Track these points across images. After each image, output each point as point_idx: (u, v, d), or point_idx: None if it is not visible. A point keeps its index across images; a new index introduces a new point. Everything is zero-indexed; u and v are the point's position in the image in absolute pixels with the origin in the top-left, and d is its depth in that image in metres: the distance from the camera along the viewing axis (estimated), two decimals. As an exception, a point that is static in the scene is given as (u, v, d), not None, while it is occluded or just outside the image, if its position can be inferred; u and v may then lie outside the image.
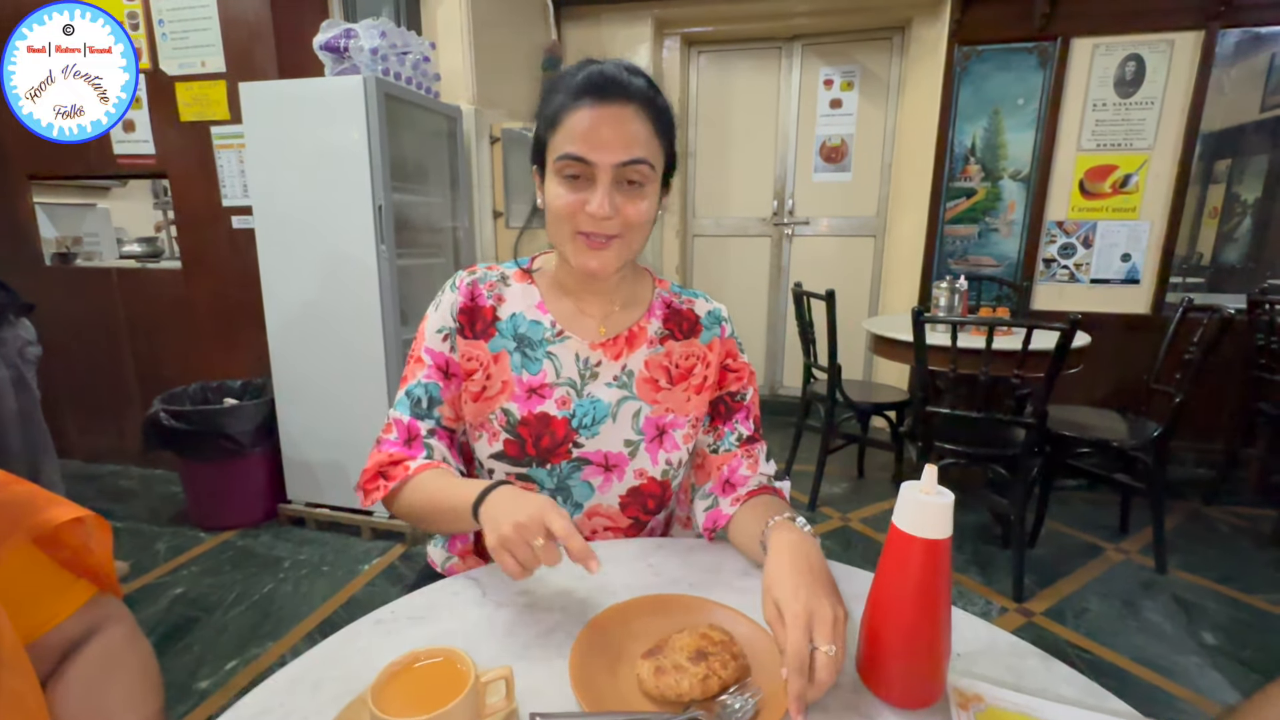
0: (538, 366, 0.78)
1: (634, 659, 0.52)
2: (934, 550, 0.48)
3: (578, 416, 0.77)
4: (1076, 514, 2.37)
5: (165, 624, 1.74)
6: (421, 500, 0.71)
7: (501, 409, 0.77)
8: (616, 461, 0.78)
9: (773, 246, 3.53)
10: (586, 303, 0.80)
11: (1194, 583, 1.94)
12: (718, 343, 0.83)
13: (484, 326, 0.78)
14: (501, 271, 0.82)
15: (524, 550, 0.55)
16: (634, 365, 0.80)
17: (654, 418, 0.79)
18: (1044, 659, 0.55)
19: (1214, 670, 1.57)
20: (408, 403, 0.77)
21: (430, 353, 0.78)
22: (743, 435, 0.82)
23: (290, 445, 2.25)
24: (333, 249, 2.03)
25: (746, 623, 0.58)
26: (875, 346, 2.35)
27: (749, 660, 0.53)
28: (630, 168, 0.67)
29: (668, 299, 0.84)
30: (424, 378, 0.77)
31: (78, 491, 2.54)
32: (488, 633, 0.58)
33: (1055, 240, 2.82)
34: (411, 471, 0.73)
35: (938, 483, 0.48)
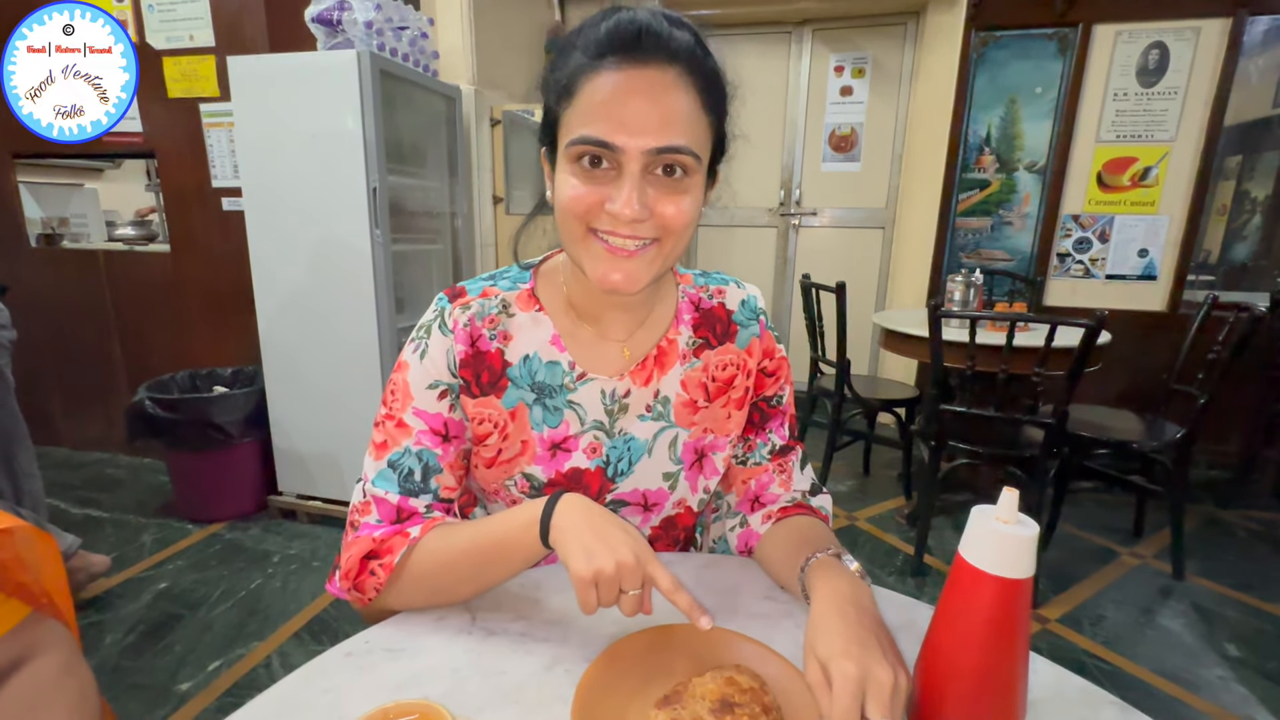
0: (558, 418, 0.64)
1: (647, 706, 0.45)
2: (1013, 592, 0.39)
3: (611, 463, 0.65)
4: (1089, 516, 2.31)
5: (146, 621, 1.67)
6: (451, 559, 0.56)
7: (523, 474, 0.64)
8: (656, 500, 0.68)
9: (779, 238, 3.44)
10: (608, 324, 0.65)
11: (1212, 590, 1.88)
12: (756, 344, 0.70)
13: (492, 378, 0.62)
14: (502, 298, 0.64)
15: (614, 598, 0.48)
16: (669, 390, 0.66)
17: (692, 442, 0.68)
18: (1123, 709, 0.48)
19: (1239, 684, 1.50)
20: (393, 477, 0.60)
21: (421, 415, 0.61)
22: (775, 445, 0.71)
23: (281, 436, 2.17)
24: (326, 233, 1.95)
25: (778, 662, 0.50)
26: (885, 341, 2.28)
27: (783, 714, 0.45)
28: (668, 155, 0.51)
29: (694, 297, 0.69)
30: (413, 445, 0.61)
31: (63, 480, 2.47)
32: (475, 667, 0.50)
33: (1071, 234, 2.74)
34: (416, 537, 0.57)
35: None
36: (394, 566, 0.56)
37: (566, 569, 0.49)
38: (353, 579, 0.58)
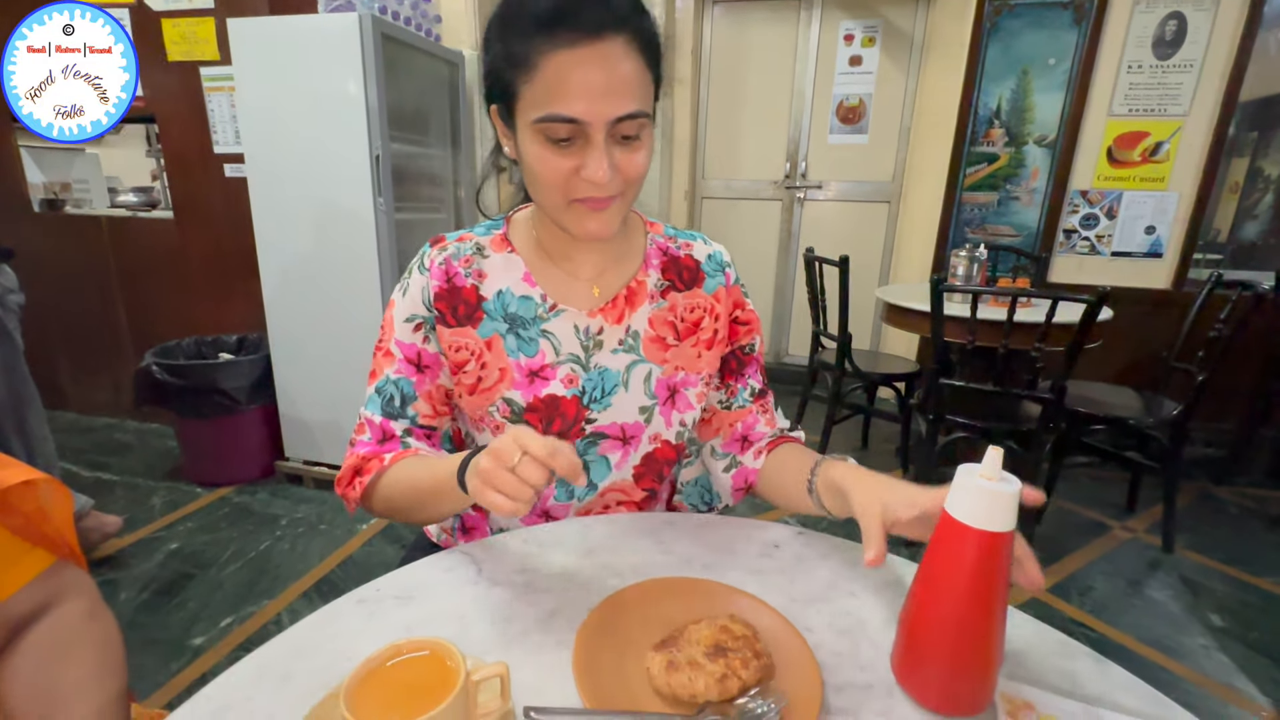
0: (534, 347, 0.69)
1: (644, 650, 0.47)
2: (994, 545, 0.41)
3: (587, 392, 0.70)
4: (1083, 491, 2.34)
5: (159, 580, 1.72)
6: (401, 491, 0.64)
7: (503, 399, 0.69)
8: (634, 432, 0.73)
9: (783, 211, 3.42)
10: (577, 264, 0.71)
11: (1201, 563, 1.92)
12: (723, 292, 0.76)
13: (468, 311, 0.68)
14: (475, 241, 0.71)
15: (505, 479, 0.48)
16: (638, 325, 0.72)
17: (664, 378, 0.73)
18: (1098, 661, 0.50)
19: (1220, 653, 1.55)
20: (379, 401, 0.69)
21: (400, 345, 0.69)
22: (755, 389, 0.78)
23: (287, 402, 2.20)
24: (329, 200, 1.94)
25: (772, 614, 0.52)
26: (887, 315, 2.28)
27: (773, 660, 0.47)
28: (626, 122, 0.56)
29: (663, 245, 0.76)
30: (394, 373, 0.69)
31: (72, 444, 2.51)
32: (481, 617, 0.53)
33: (1078, 210, 2.71)
34: (386, 463, 0.66)
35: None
36: (367, 485, 0.66)
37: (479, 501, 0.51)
38: (343, 487, 0.69)
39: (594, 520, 0.70)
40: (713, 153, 3.45)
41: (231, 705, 0.43)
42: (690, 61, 3.20)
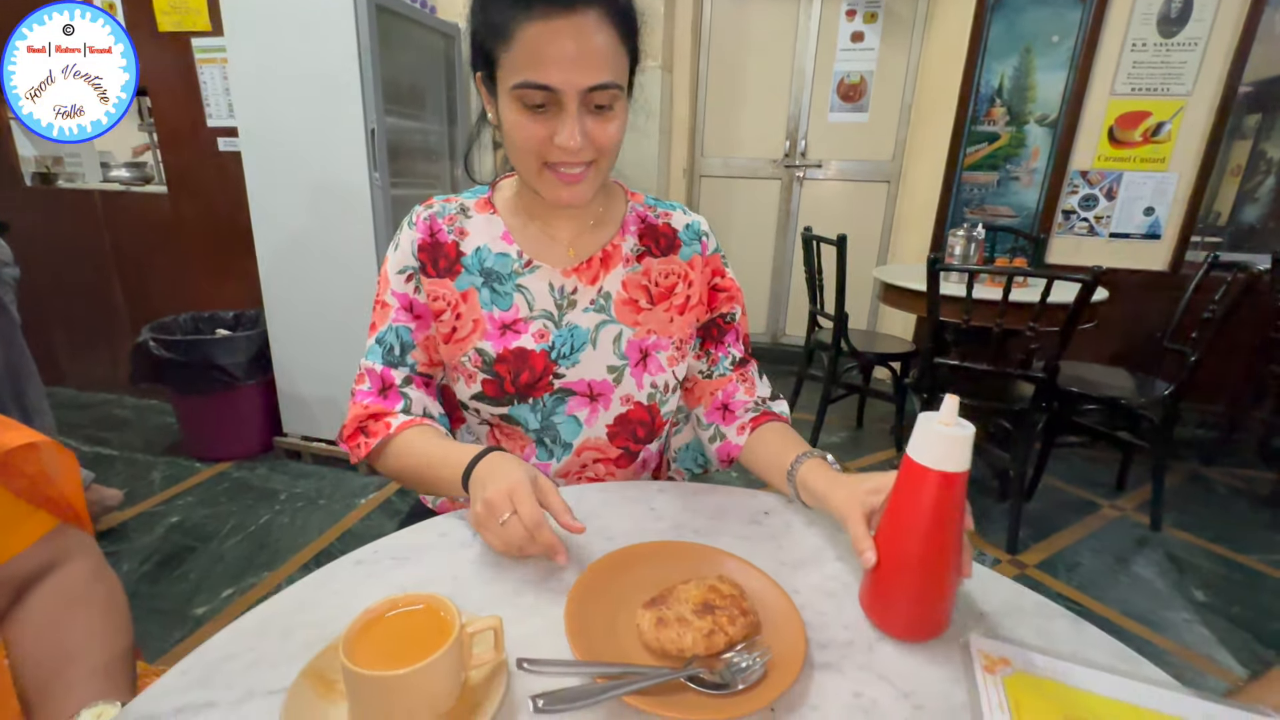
0: (508, 301, 0.73)
1: (635, 608, 0.49)
2: (951, 484, 0.45)
3: (556, 347, 0.73)
4: (1074, 470, 2.36)
5: (161, 552, 1.74)
6: (411, 465, 0.68)
7: (475, 349, 0.72)
8: (601, 390, 0.75)
9: (782, 190, 3.40)
10: (555, 226, 0.74)
11: (1187, 541, 1.95)
12: (699, 260, 0.78)
13: (448, 264, 0.72)
14: (461, 203, 0.75)
15: (496, 532, 0.53)
16: (610, 287, 0.75)
17: (636, 340, 0.75)
18: (1074, 621, 0.52)
19: (1202, 626, 1.58)
20: (379, 350, 0.73)
21: (396, 295, 0.73)
22: (735, 358, 0.80)
23: (285, 378, 2.21)
24: (324, 175, 1.93)
25: (759, 576, 0.54)
26: (884, 295, 2.28)
27: (759, 618, 0.49)
28: (598, 92, 0.59)
29: (642, 213, 0.79)
30: (393, 321, 0.73)
31: (71, 419, 2.52)
32: (476, 576, 0.54)
33: (1077, 191, 2.70)
34: (394, 430, 0.69)
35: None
36: (372, 447, 0.70)
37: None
38: (347, 440, 0.73)
39: (587, 488, 0.71)
40: (711, 131, 3.42)
41: (235, 655, 0.44)
42: (689, 37, 3.15)
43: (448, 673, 0.38)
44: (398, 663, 0.36)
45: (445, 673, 0.38)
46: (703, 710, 0.41)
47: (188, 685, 0.42)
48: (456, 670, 0.40)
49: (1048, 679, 0.45)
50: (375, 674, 0.36)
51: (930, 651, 0.48)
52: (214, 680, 0.42)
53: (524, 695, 0.42)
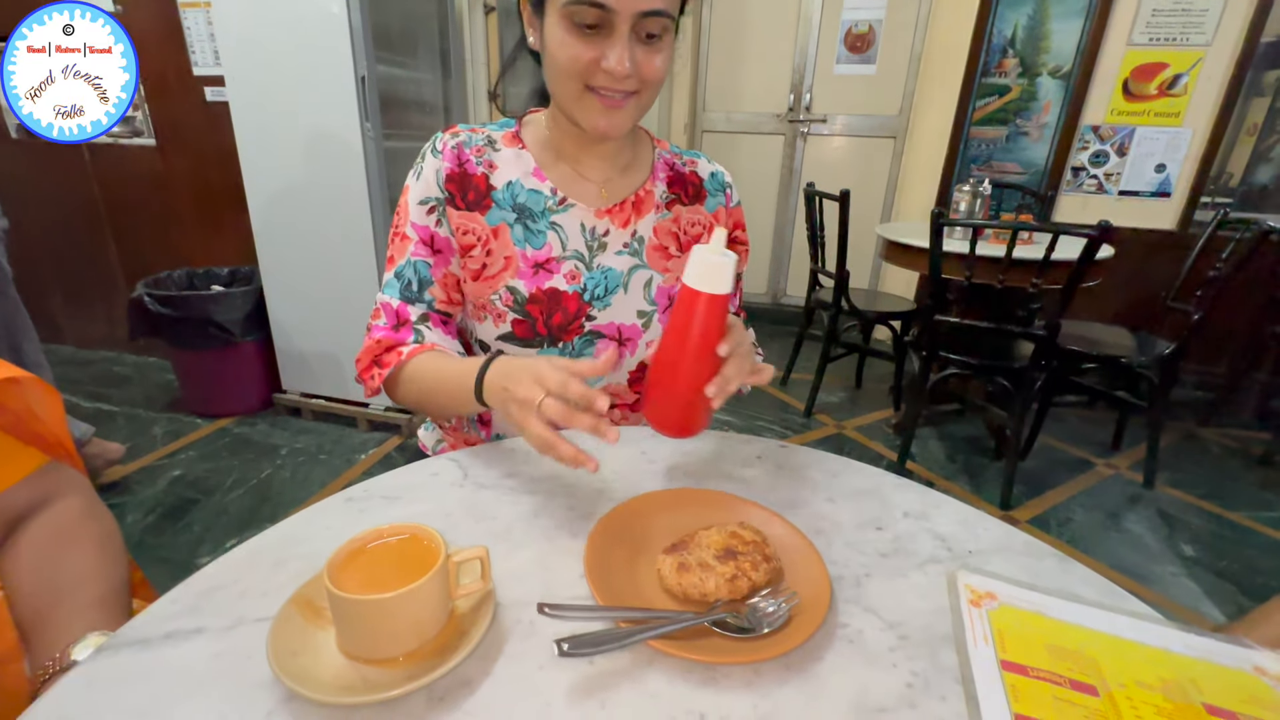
0: (542, 239, 0.71)
1: (655, 554, 0.48)
2: (716, 304, 0.51)
3: (589, 289, 0.72)
4: (1071, 430, 2.37)
5: (165, 504, 1.76)
6: (424, 389, 0.67)
7: (506, 287, 0.70)
8: (630, 334, 0.74)
9: (785, 146, 3.32)
10: (586, 166, 0.73)
11: (1179, 498, 1.97)
12: (723, 212, 0.80)
13: (478, 197, 0.70)
14: (488, 134, 0.73)
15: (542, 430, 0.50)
16: (644, 231, 0.75)
17: (666, 287, 0.76)
18: (1061, 559, 0.52)
19: (1189, 579, 1.61)
20: (397, 285, 0.71)
21: (415, 227, 0.70)
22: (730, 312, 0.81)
23: (282, 335, 2.20)
24: (314, 126, 1.88)
25: (782, 524, 0.53)
26: (886, 253, 2.25)
27: (782, 564, 0.48)
28: (651, 19, 0.58)
29: (669, 160, 0.79)
30: (412, 255, 0.70)
31: (71, 376, 2.53)
32: (466, 514, 0.54)
33: (1088, 147, 2.64)
34: (404, 358, 0.68)
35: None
36: (385, 377, 0.69)
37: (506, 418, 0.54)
38: (363, 372, 0.71)
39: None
40: (714, 83, 3.32)
41: (224, 585, 0.45)
42: (693, -17, 3.04)
43: (432, 599, 0.39)
44: (383, 589, 0.36)
45: (430, 599, 0.38)
46: (729, 653, 0.41)
47: (177, 613, 0.42)
48: (442, 597, 0.40)
49: (1032, 612, 0.45)
50: (359, 598, 0.36)
51: (915, 586, 0.48)
52: (203, 608, 0.43)
53: (537, 644, 0.42)
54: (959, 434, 2.33)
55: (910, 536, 0.54)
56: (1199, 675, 0.41)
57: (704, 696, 0.38)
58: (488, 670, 0.39)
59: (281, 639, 0.38)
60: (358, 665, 0.38)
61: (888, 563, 0.51)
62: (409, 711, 0.36)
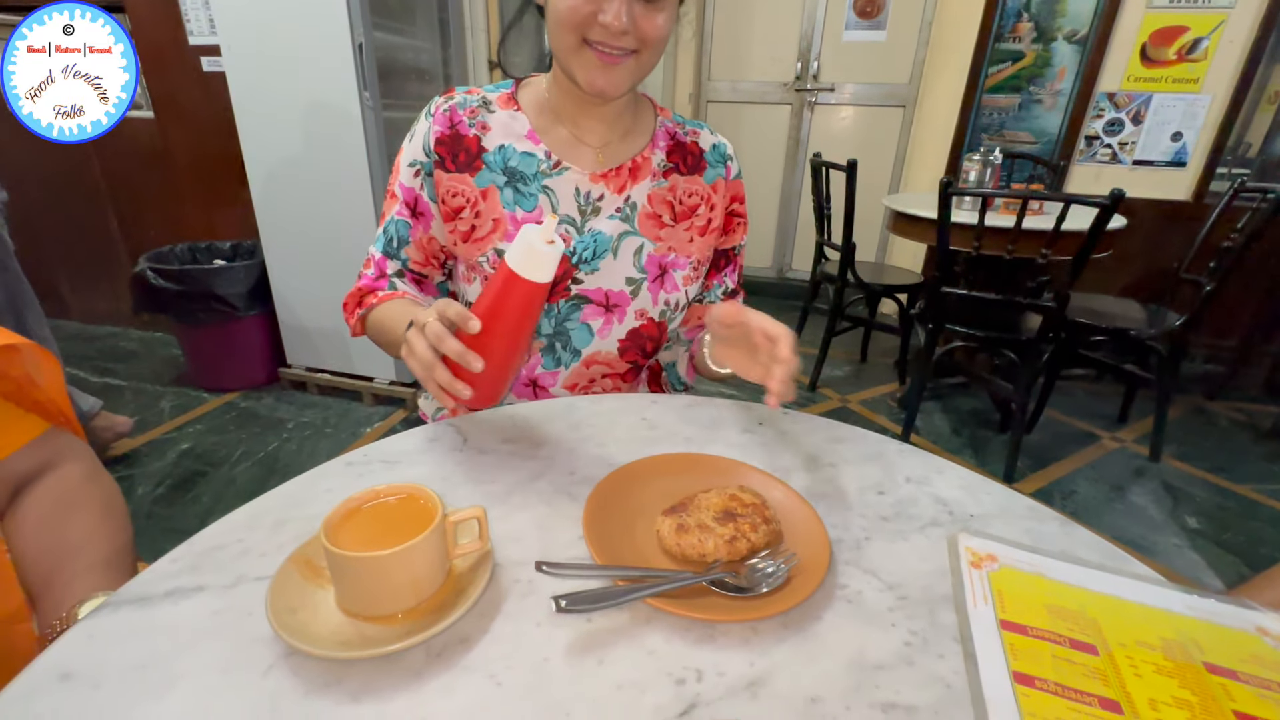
0: (532, 202, 0.71)
1: (653, 517, 0.48)
2: (536, 292, 0.50)
3: (577, 253, 0.72)
4: (1077, 403, 2.36)
5: (173, 477, 1.78)
6: (379, 331, 0.71)
7: (494, 249, 0.71)
8: (618, 301, 0.74)
9: (792, 116, 3.25)
10: (585, 129, 0.72)
11: (1185, 471, 1.96)
12: (722, 184, 0.78)
13: (468, 159, 0.70)
14: (483, 96, 0.73)
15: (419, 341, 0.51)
16: (638, 198, 0.74)
17: (657, 256, 0.75)
18: (1064, 524, 0.52)
19: (1192, 551, 1.61)
20: (383, 240, 0.75)
21: (402, 188, 0.72)
22: (728, 288, 0.82)
23: (285, 309, 2.20)
24: (313, 96, 1.85)
25: (782, 488, 0.53)
26: (893, 224, 2.22)
27: (781, 527, 0.48)
28: None
29: (671, 129, 0.77)
30: (396, 214, 0.73)
31: (78, 351, 2.54)
32: (465, 478, 0.54)
33: (1103, 115, 2.57)
34: (375, 302, 0.72)
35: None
36: (359, 318, 0.74)
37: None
38: (346, 314, 0.76)
39: (580, 399, 0.71)
40: (720, 52, 3.25)
41: (225, 545, 0.45)
42: (698, -54, 2.95)
43: (429, 557, 0.39)
44: (380, 548, 0.36)
45: (426, 557, 0.38)
46: (726, 611, 0.41)
47: (178, 571, 0.42)
48: (439, 556, 0.40)
49: (1033, 574, 0.45)
50: (355, 555, 0.36)
51: (916, 549, 0.48)
52: (204, 566, 0.43)
53: (535, 602, 0.42)
54: (963, 408, 2.32)
55: (912, 500, 0.54)
56: (1200, 635, 0.41)
57: (701, 653, 0.38)
58: (485, 628, 0.39)
59: (280, 596, 0.38)
60: (356, 622, 0.38)
61: (888, 526, 0.51)
62: (407, 667, 0.36)
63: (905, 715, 0.35)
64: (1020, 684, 0.37)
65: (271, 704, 0.33)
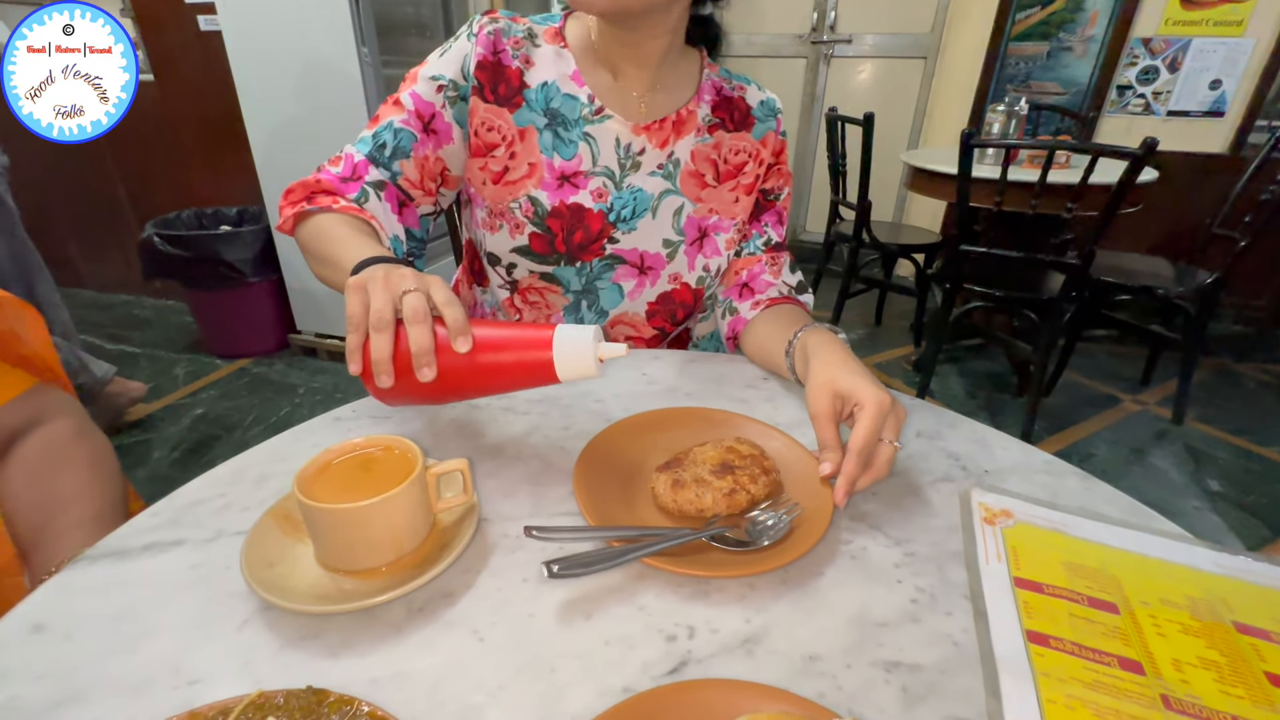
0: (572, 150, 0.66)
1: (648, 473, 0.46)
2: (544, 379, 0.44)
3: (615, 210, 0.67)
4: (1098, 365, 2.30)
5: (188, 441, 1.80)
6: (316, 242, 0.57)
7: (528, 196, 0.66)
8: (653, 263, 0.70)
9: (807, 70, 3.13)
10: (627, 76, 0.66)
11: (1209, 434, 1.91)
12: (772, 137, 0.73)
13: (509, 92, 0.64)
14: (529, 26, 0.66)
15: (383, 295, 0.42)
16: (681, 154, 0.69)
17: (697, 218, 0.70)
18: (1084, 478, 0.49)
19: (1213, 514, 1.57)
20: (370, 142, 0.63)
21: (415, 98, 0.63)
22: (771, 240, 0.74)
23: (293, 275, 2.19)
24: (310, 52, 1.80)
25: (780, 437, 0.51)
26: (911, 181, 2.14)
27: (781, 477, 0.46)
28: None
29: (717, 83, 0.72)
30: (399, 122, 0.63)
31: (92, 319, 2.56)
32: (456, 433, 0.53)
33: (1137, 62, 2.44)
34: (331, 207, 0.59)
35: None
36: (302, 213, 0.60)
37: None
38: (284, 204, 0.62)
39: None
40: (734, 2, 3.11)
41: (206, 500, 0.44)
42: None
43: (408, 510, 0.37)
44: (358, 500, 0.34)
45: (405, 509, 0.37)
46: (721, 567, 0.39)
47: (158, 525, 0.41)
48: (420, 509, 0.38)
49: (1050, 530, 0.42)
50: (329, 507, 0.34)
51: (925, 505, 0.46)
52: (184, 520, 0.42)
53: (523, 558, 0.40)
54: (980, 370, 2.27)
55: (922, 455, 0.51)
56: (1230, 593, 0.38)
57: (694, 610, 0.36)
58: (470, 583, 0.37)
59: (257, 550, 0.37)
60: (336, 577, 0.36)
61: (897, 480, 0.48)
62: (387, 621, 0.35)
63: (909, 674, 0.33)
64: (1034, 643, 0.34)
65: (245, 658, 0.32)
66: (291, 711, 0.28)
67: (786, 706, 0.29)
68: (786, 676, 0.32)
